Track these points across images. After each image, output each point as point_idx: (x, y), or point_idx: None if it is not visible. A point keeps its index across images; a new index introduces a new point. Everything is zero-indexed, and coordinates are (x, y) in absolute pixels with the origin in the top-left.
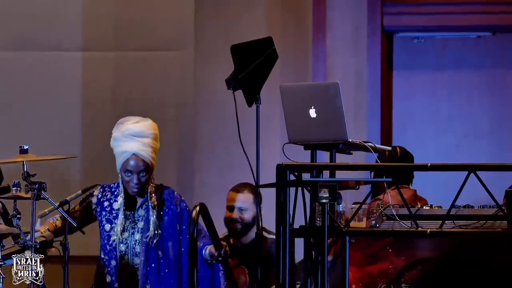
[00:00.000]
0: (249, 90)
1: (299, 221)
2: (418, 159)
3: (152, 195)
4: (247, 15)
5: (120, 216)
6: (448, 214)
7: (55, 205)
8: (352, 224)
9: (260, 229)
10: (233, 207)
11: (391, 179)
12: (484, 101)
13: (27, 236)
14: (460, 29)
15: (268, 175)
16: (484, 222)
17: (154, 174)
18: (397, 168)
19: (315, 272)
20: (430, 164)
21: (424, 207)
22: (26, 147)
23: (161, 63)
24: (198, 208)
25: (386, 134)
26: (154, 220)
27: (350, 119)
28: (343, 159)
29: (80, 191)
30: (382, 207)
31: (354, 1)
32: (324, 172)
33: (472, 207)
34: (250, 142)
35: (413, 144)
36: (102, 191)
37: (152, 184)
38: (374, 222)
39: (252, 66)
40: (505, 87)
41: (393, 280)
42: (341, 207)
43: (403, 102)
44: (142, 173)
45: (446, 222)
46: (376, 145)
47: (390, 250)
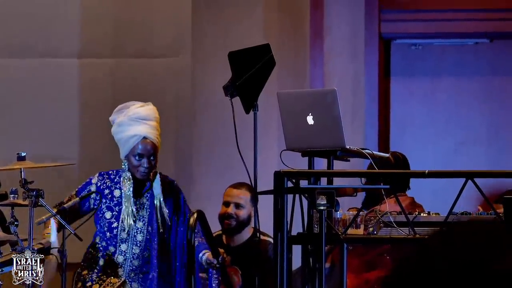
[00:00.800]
0: (246, 97)
1: (297, 228)
2: (416, 165)
3: (157, 180)
4: (245, 21)
5: (129, 203)
6: (446, 221)
7: (53, 212)
8: (350, 231)
9: (257, 232)
10: (229, 203)
11: (388, 186)
12: (482, 107)
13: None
14: (457, 36)
15: (266, 182)
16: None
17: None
18: (394, 175)
19: (312, 279)
20: (427, 171)
21: (422, 214)
22: (23, 154)
23: (158, 69)
24: (195, 215)
25: (384, 140)
26: (158, 208)
27: (348, 125)
28: (341, 166)
29: (77, 199)
30: (379, 214)
31: (351, 7)
32: (322, 179)
33: (470, 214)
34: (248, 149)
35: (410, 150)
36: (101, 178)
37: (158, 171)
38: (371, 229)
39: (249, 73)
40: (502, 93)
41: None
42: (338, 214)
43: (400, 108)
44: (152, 156)
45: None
46: (374, 151)
47: (388, 257)
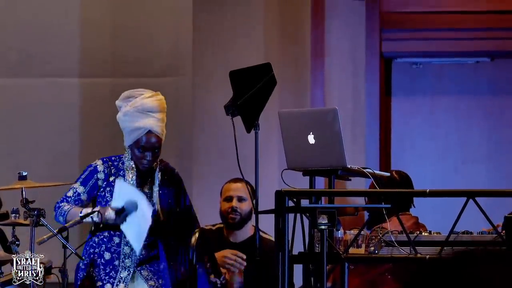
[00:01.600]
0: (247, 116)
1: (298, 247)
2: (417, 184)
3: (157, 172)
4: (245, 41)
5: None
6: (447, 240)
7: (54, 231)
8: (351, 250)
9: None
10: (232, 197)
11: (389, 205)
12: (482, 126)
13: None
14: (458, 54)
15: (267, 201)
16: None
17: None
18: (395, 194)
19: None
20: (429, 190)
21: (423, 233)
22: (24, 173)
23: (159, 89)
24: (197, 234)
25: (385, 158)
26: (156, 197)
27: (349, 144)
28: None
29: (78, 218)
30: (381, 233)
31: (352, 26)
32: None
33: (471, 233)
34: (249, 168)
35: (411, 169)
36: (106, 166)
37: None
38: (373, 248)
39: (250, 92)
40: (503, 112)
41: None
42: (339, 233)
43: (401, 127)
44: (157, 149)
45: (445, 248)
46: (375, 171)
47: (389, 277)
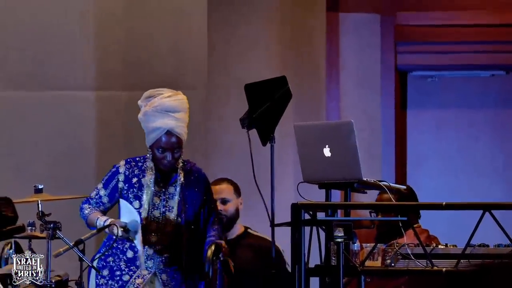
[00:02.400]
0: (263, 129)
1: (314, 260)
2: (432, 198)
3: (181, 172)
4: (260, 54)
5: (146, 193)
6: (464, 253)
7: (70, 244)
8: (367, 263)
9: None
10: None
11: (406, 218)
12: (498, 139)
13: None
14: (473, 67)
15: (283, 214)
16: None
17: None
18: (410, 207)
19: None
20: (445, 203)
21: (439, 246)
22: (40, 186)
23: None
24: (213, 248)
25: (400, 172)
26: (178, 199)
27: (364, 158)
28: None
29: (95, 231)
30: (397, 246)
31: (367, 40)
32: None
33: (488, 246)
34: (264, 180)
35: (426, 182)
36: (128, 167)
37: (181, 160)
38: (389, 261)
39: (266, 105)
40: None
41: None
42: (356, 246)
43: (417, 140)
44: (176, 150)
45: (462, 261)
46: (391, 184)
47: None
